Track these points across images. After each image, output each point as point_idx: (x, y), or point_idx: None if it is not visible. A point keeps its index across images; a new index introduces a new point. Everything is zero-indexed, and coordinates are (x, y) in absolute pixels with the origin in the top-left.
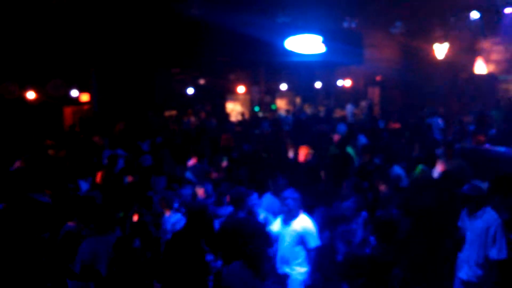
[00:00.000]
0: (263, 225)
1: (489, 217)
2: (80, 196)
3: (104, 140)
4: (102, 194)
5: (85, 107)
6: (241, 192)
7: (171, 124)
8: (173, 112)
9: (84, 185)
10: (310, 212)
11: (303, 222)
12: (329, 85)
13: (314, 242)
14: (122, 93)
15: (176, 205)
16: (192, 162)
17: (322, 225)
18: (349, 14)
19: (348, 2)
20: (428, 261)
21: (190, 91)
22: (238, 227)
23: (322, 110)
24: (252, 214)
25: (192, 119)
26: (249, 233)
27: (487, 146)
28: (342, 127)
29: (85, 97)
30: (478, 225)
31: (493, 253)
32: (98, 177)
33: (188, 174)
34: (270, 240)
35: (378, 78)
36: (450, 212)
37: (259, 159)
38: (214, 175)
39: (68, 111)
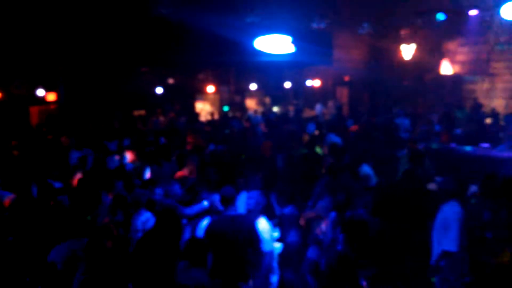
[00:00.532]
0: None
1: (449, 209)
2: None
3: (70, 140)
4: (70, 197)
5: (52, 106)
6: (233, 190)
7: (140, 124)
8: (142, 112)
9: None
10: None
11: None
12: (298, 85)
13: (266, 247)
14: (89, 92)
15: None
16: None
17: (291, 224)
18: (319, 14)
19: (318, 2)
20: (398, 258)
21: (159, 90)
22: (233, 226)
23: (291, 110)
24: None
25: (161, 118)
26: (244, 232)
27: (452, 145)
28: (312, 127)
29: (51, 97)
30: (440, 216)
31: (445, 244)
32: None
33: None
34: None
35: (346, 78)
36: (416, 209)
37: (231, 159)
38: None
39: (34, 110)
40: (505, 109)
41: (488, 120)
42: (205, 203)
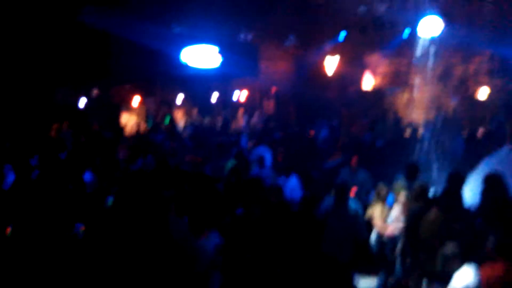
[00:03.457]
0: None
1: None
2: None
3: None
4: None
5: None
6: None
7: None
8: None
9: None
10: None
11: None
12: (226, 97)
13: None
14: (7, 104)
15: None
16: None
17: None
18: (245, 26)
19: (244, 14)
20: None
21: (83, 102)
22: None
23: (219, 121)
24: None
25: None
26: None
27: None
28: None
29: None
30: None
31: None
32: None
33: None
34: None
35: (273, 90)
36: None
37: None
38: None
39: None
40: (424, 119)
41: (408, 131)
42: None
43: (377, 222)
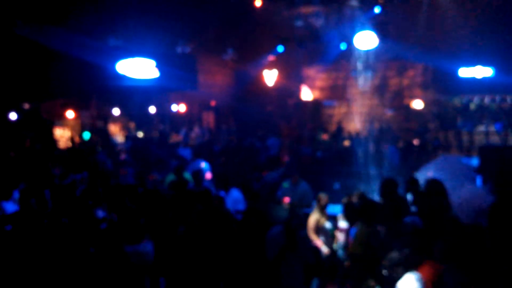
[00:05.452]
0: None
1: None
2: None
3: None
4: None
5: None
6: None
7: None
8: None
9: None
10: None
11: None
12: (164, 110)
13: None
14: None
15: None
16: None
17: None
18: (183, 39)
19: (181, 27)
20: None
21: (13, 116)
22: None
23: (157, 135)
24: None
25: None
26: None
27: None
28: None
29: None
30: None
31: None
32: None
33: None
34: None
35: (212, 103)
36: None
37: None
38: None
39: None
40: (361, 132)
41: (346, 143)
42: None
43: (309, 231)
